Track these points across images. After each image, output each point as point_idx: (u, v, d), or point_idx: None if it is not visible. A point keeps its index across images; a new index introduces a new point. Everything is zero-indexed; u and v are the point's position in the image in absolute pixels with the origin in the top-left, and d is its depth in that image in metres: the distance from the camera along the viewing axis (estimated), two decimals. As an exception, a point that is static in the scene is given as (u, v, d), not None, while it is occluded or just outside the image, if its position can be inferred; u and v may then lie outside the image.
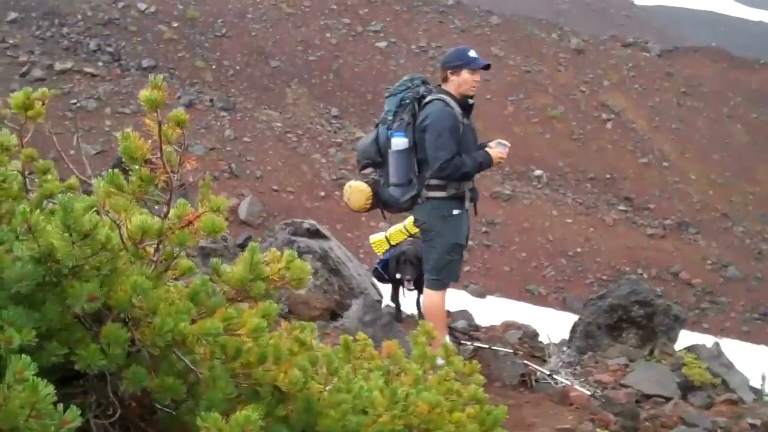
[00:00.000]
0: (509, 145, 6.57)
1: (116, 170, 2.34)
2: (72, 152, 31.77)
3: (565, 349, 7.13)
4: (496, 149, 6.43)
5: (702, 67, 53.07)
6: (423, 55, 47.70)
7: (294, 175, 35.83)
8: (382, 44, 47.52)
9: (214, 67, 42.18)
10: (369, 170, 6.70)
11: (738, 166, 45.76)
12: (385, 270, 7.19)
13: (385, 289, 7.70)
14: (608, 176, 43.59)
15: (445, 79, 6.39)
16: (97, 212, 2.29)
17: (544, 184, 41.81)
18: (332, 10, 49.21)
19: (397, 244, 7.20)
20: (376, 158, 6.46)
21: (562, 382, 6.25)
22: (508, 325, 8.09)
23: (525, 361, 6.52)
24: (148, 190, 2.37)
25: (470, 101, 6.45)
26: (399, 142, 6.25)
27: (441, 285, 6.39)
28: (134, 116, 34.80)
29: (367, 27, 48.67)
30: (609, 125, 46.89)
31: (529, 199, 39.47)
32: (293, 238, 8.49)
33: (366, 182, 6.47)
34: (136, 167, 2.33)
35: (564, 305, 31.83)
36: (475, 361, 3.45)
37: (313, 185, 35.68)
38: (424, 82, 6.57)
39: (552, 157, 43.44)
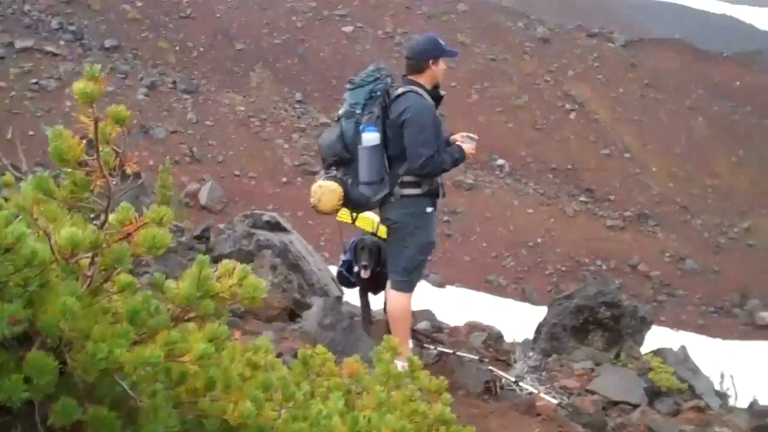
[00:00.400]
0: (477, 138, 6.27)
1: (45, 172, 2.07)
2: (31, 133, 31.29)
3: (530, 353, 6.91)
4: (467, 144, 6.15)
5: (666, 59, 53.40)
6: (389, 40, 47.49)
7: (256, 160, 35.51)
8: (348, 29, 47.23)
9: (177, 48, 41.61)
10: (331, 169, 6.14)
11: (699, 159, 46.13)
12: (350, 272, 6.81)
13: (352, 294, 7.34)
14: (570, 167, 43.75)
15: (422, 70, 6.02)
16: (31, 215, 2.04)
17: (506, 173, 41.85)
18: (298, -7, 48.81)
19: (360, 228, 6.83)
20: (344, 155, 5.96)
21: (527, 389, 6.05)
22: (472, 327, 7.86)
23: (490, 367, 6.29)
24: (82, 197, 2.11)
25: (442, 92, 6.18)
26: (371, 137, 5.85)
27: (410, 286, 6.08)
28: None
29: (333, 11, 48.35)
30: (572, 115, 47.05)
31: (491, 189, 39.50)
32: (252, 230, 8.20)
33: (336, 181, 5.93)
34: (68, 170, 2.07)
35: (523, 296, 31.92)
36: (442, 378, 3.23)
37: (275, 171, 35.37)
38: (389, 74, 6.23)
39: (515, 146, 43.49)
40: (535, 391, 5.97)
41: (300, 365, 3.05)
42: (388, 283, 6.24)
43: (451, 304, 21.50)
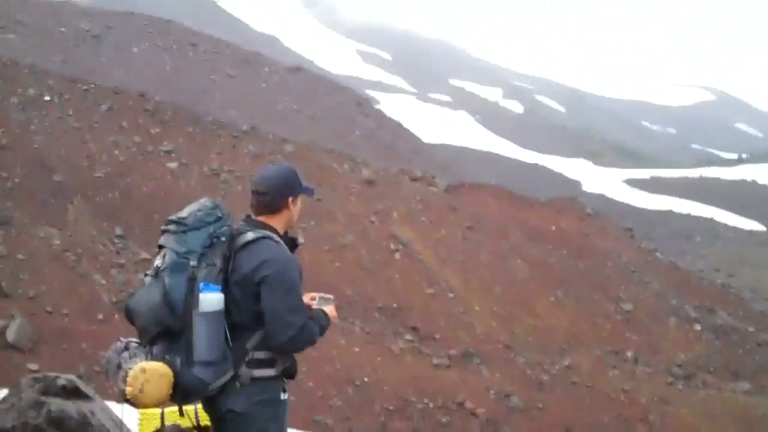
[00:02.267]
0: (332, 297, 4.86)
1: None
2: None
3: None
4: (325, 306, 4.77)
5: (485, 203, 55.54)
6: (215, 178, 47.13)
7: (71, 297, 33.57)
8: (173, 165, 46.57)
9: (-10, 178, 39.71)
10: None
11: (519, 299, 47.48)
12: None
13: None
14: (395, 306, 43.95)
15: (277, 210, 4.61)
16: None
17: (333, 312, 41.45)
18: (122, 127, 48.02)
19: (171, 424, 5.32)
20: (174, 324, 4.29)
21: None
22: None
23: None
24: None
25: (300, 240, 4.86)
26: (213, 299, 4.27)
27: None
28: None
29: (158, 147, 47.71)
30: (397, 255, 47.63)
31: (317, 327, 38.96)
32: (43, 399, 6.67)
33: (163, 362, 4.27)
34: None
35: (351, 436, 31.20)
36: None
37: (91, 307, 33.49)
38: None
39: (341, 285, 43.37)
40: None
41: None
42: None
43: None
